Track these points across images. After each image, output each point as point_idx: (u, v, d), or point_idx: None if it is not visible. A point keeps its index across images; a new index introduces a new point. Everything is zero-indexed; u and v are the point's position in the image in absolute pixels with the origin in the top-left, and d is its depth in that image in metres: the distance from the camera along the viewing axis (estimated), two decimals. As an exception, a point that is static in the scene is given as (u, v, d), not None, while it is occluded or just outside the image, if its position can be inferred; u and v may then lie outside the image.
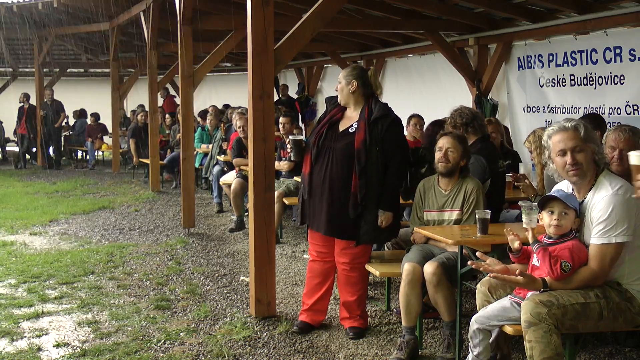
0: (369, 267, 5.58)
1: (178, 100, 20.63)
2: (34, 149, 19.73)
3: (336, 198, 5.38)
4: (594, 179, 4.05)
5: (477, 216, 4.84)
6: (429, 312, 5.72)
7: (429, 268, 4.95)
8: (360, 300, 5.66)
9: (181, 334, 5.60)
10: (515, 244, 4.21)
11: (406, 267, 5.09)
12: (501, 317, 4.13)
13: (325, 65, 17.61)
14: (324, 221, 5.46)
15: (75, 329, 5.74)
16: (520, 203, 4.47)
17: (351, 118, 5.51)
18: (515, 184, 6.52)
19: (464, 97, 10.35)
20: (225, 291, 6.86)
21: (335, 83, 5.68)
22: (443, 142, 5.44)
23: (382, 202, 5.41)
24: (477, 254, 4.32)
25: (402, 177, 5.69)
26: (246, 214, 8.14)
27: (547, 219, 4.11)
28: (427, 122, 9.18)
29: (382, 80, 14.32)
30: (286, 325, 5.75)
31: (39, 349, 5.29)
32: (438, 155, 5.43)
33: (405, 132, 8.56)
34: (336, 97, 5.72)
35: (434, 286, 4.95)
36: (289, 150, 5.69)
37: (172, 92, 20.01)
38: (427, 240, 5.43)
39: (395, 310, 6.06)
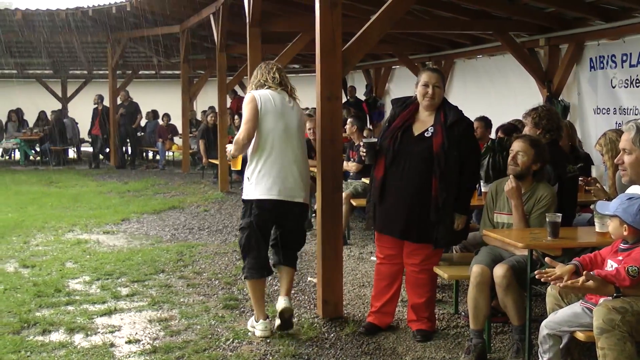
0: (437, 270, 5.54)
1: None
2: (107, 149, 20.18)
3: (414, 202, 5.34)
4: None
5: (547, 219, 4.76)
6: (498, 316, 5.65)
7: (498, 271, 4.89)
8: (429, 302, 5.63)
9: (249, 333, 5.65)
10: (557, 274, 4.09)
11: (475, 270, 5.04)
12: (572, 322, 4.06)
13: (393, 67, 17.54)
14: (400, 225, 5.42)
15: (146, 326, 5.86)
16: (592, 207, 4.39)
17: (425, 122, 5.47)
18: (587, 188, 6.38)
19: (534, 98, 10.16)
20: (293, 292, 6.87)
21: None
22: (514, 145, 5.37)
23: (459, 206, 5.41)
24: (546, 259, 4.25)
25: (476, 181, 5.67)
26: (313, 214, 8.18)
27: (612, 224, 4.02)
28: (495, 124, 9.12)
29: (450, 81, 14.22)
30: (353, 326, 5.75)
31: (112, 345, 5.42)
32: (509, 158, 5.37)
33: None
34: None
35: (503, 289, 4.88)
36: (362, 153, 5.65)
37: (240, 93, 20.20)
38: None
39: (463, 313, 6.01)
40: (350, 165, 9.45)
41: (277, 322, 5.60)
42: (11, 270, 7.79)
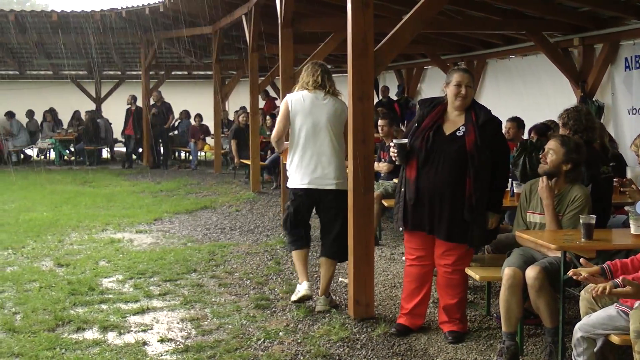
0: (468, 271, 5.51)
1: (278, 102, 21.09)
2: (140, 150, 20.36)
3: (449, 202, 5.32)
4: None
5: (581, 221, 4.71)
6: (531, 318, 5.60)
7: (531, 272, 4.85)
8: (460, 303, 5.60)
9: (280, 333, 5.68)
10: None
11: (507, 272, 5.00)
12: (607, 325, 4.01)
13: (425, 67, 17.48)
14: (435, 225, 5.40)
15: (178, 325, 5.90)
16: (627, 208, 4.34)
17: (456, 122, 5.45)
18: (622, 189, 6.31)
19: (567, 99, 10.08)
20: (324, 292, 6.91)
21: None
22: (548, 144, 5.35)
23: (493, 205, 5.41)
24: (581, 260, 4.21)
25: (507, 180, 5.65)
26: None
27: None
28: (527, 125, 9.06)
29: (482, 81, 14.14)
30: (384, 327, 5.74)
31: (144, 343, 5.47)
32: (541, 156, 5.35)
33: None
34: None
35: (535, 291, 4.84)
36: (392, 154, 5.63)
37: (272, 94, 20.27)
38: None
39: (495, 315, 5.96)
40: (381, 166, 9.43)
41: (293, 298, 6.45)
42: (46, 268, 7.89)
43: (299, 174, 6.28)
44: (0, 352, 5.27)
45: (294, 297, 6.43)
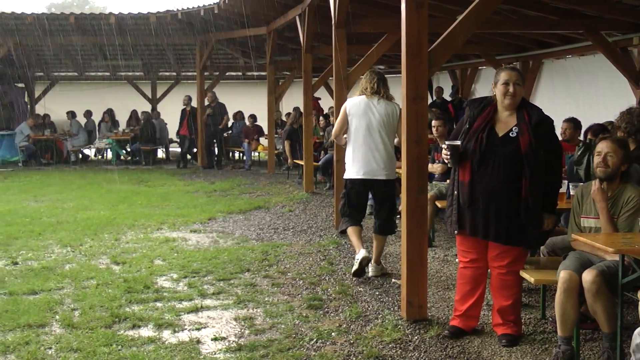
0: (523, 274, 5.44)
1: (322, 102, 21.12)
2: (195, 150, 20.58)
3: (505, 204, 5.25)
4: None
5: (640, 224, 4.62)
6: (587, 323, 5.50)
7: (587, 276, 4.77)
8: (515, 305, 5.52)
9: (333, 333, 5.68)
10: None
11: (562, 275, 4.93)
12: (667, 331, 3.92)
13: (479, 68, 17.35)
14: (490, 227, 5.33)
15: (232, 324, 5.95)
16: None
17: (508, 122, 5.37)
18: None
19: (625, 99, 9.88)
20: (377, 293, 6.89)
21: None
22: (602, 147, 5.24)
23: (548, 206, 5.34)
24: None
25: (561, 180, 5.57)
26: (398, 216, 8.16)
27: None
28: (584, 126, 8.91)
29: (537, 82, 13.97)
30: (437, 329, 5.71)
31: (198, 342, 5.52)
32: (597, 160, 5.24)
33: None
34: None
35: (592, 295, 4.76)
36: (444, 156, 5.57)
37: (315, 94, 20.31)
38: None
39: (550, 318, 5.88)
40: (435, 167, 9.37)
41: (355, 267, 7.31)
42: (103, 266, 8.04)
43: (355, 167, 7.45)
44: (60, 347, 5.39)
45: (354, 268, 7.30)
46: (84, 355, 5.21)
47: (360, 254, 7.25)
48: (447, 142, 5.48)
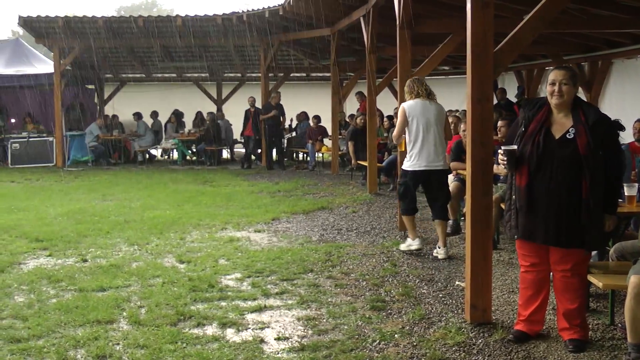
0: (591, 278, 5.34)
1: (387, 103, 21.05)
2: (259, 150, 20.74)
3: (565, 207, 5.17)
4: None
5: None
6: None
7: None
8: (581, 308, 5.41)
9: (396, 335, 5.66)
10: None
11: (633, 280, 4.81)
12: None
13: (546, 68, 17.05)
14: (551, 231, 5.24)
15: (295, 324, 5.98)
16: None
17: (564, 123, 5.27)
18: None
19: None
20: (440, 295, 6.85)
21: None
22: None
23: (608, 207, 5.22)
24: None
25: (621, 181, 5.44)
26: (462, 218, 8.11)
27: None
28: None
29: (606, 82, 13.68)
30: (502, 333, 5.64)
31: (262, 341, 5.57)
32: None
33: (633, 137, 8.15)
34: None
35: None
36: (501, 160, 5.49)
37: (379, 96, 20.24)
38: None
39: (620, 325, 5.74)
40: (500, 169, 9.23)
41: (405, 247, 8.71)
42: (169, 264, 8.17)
43: (416, 159, 8.45)
44: (127, 343, 5.50)
45: (403, 247, 8.74)
46: (150, 352, 5.31)
47: (415, 242, 8.61)
48: (503, 147, 5.41)
